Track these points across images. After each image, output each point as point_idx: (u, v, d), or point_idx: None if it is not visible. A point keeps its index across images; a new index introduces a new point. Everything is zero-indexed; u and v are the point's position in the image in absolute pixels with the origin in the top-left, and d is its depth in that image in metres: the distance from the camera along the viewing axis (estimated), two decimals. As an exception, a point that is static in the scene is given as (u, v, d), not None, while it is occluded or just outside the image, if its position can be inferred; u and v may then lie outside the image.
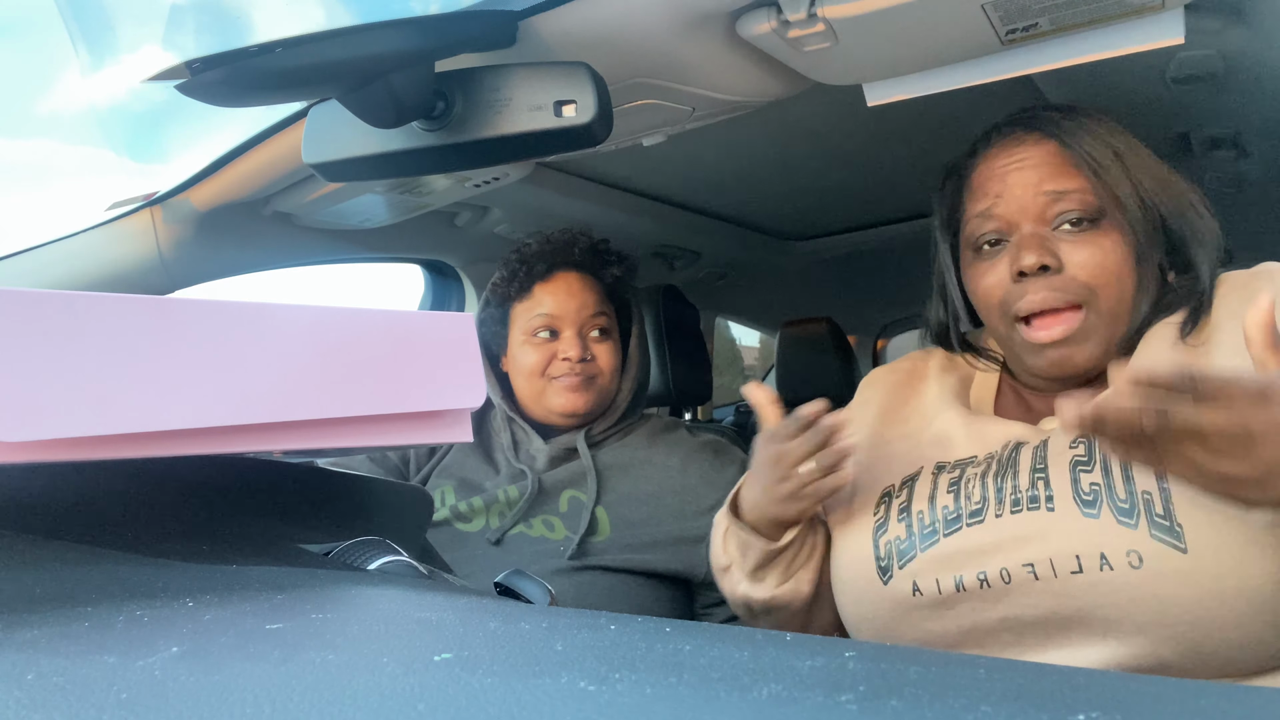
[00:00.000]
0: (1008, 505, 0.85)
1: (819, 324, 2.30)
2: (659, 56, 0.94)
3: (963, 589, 0.84)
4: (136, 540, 0.46)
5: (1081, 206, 0.88)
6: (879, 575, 0.90)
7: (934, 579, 0.86)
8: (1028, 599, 0.82)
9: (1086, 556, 0.79)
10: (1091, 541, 0.80)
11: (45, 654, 0.31)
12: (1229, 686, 0.28)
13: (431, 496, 0.96)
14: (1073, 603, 0.80)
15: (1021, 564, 0.82)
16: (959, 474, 0.91)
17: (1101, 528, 0.79)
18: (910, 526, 0.90)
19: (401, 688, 0.28)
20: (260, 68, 0.72)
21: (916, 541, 0.89)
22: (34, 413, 0.36)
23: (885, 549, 0.91)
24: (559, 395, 1.39)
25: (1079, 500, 0.82)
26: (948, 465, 0.93)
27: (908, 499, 0.93)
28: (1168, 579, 0.76)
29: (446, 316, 0.51)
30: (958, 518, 0.87)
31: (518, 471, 1.38)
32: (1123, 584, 0.78)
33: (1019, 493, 0.85)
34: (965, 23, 0.86)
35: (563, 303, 1.40)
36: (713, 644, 0.32)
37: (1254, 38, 1.08)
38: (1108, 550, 0.79)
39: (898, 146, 1.70)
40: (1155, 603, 0.77)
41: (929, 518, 0.89)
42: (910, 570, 0.88)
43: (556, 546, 1.30)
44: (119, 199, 1.30)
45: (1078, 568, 0.80)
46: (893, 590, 0.89)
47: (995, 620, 0.84)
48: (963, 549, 0.86)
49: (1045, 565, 0.81)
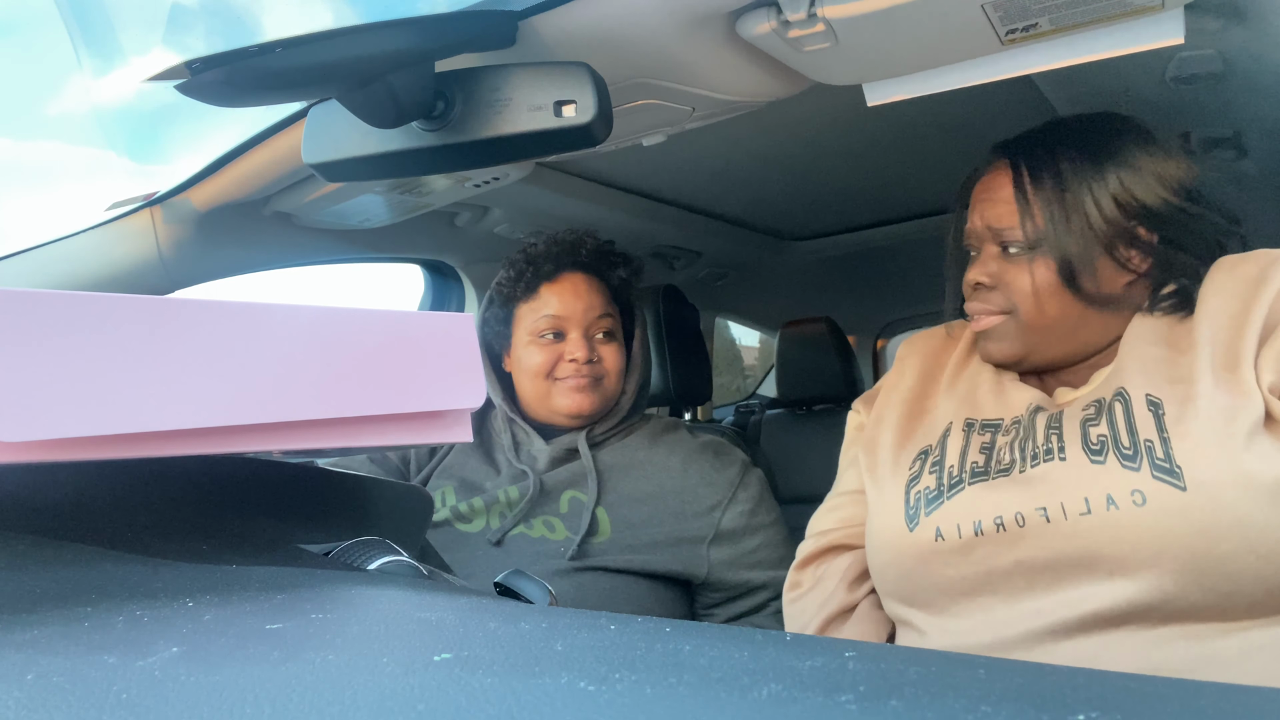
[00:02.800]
0: (1028, 462, 0.93)
1: (819, 324, 2.30)
2: (659, 56, 0.94)
3: (981, 533, 0.91)
4: (136, 540, 0.46)
5: (1013, 240, 1.00)
6: (906, 522, 0.97)
7: (955, 524, 0.93)
8: (1040, 540, 0.88)
9: (1094, 498, 0.87)
10: (1099, 484, 0.87)
11: (45, 654, 0.31)
12: (1229, 686, 0.28)
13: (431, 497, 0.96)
14: (1081, 542, 0.86)
15: (1035, 508, 0.89)
16: (990, 438, 0.99)
17: (1108, 472, 0.87)
18: (940, 478, 0.98)
19: (401, 688, 0.28)
20: (260, 68, 0.72)
21: (944, 490, 0.96)
22: (34, 413, 0.36)
23: (915, 499, 0.98)
24: (565, 397, 1.38)
25: (1087, 450, 0.90)
26: (977, 425, 1.02)
27: (940, 453, 1.01)
28: (1169, 515, 0.83)
29: (446, 316, 0.51)
30: (985, 471, 0.95)
31: (519, 472, 1.38)
32: (1128, 522, 0.84)
33: (1036, 448, 0.94)
34: (965, 23, 0.86)
35: (569, 304, 1.39)
36: (713, 644, 0.32)
37: (1254, 38, 1.08)
38: (1114, 491, 0.86)
39: (897, 146, 1.70)
40: (1157, 538, 0.83)
41: (958, 470, 0.97)
42: (935, 517, 0.95)
43: (557, 547, 1.30)
44: (119, 199, 1.30)
45: (1086, 509, 0.87)
46: (917, 537, 0.95)
47: (1010, 563, 0.90)
48: (984, 497, 0.93)
49: (1056, 508, 0.88)
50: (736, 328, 3.49)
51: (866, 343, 3.11)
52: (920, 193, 2.02)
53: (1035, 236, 0.98)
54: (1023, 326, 1.01)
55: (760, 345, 3.74)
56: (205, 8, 0.95)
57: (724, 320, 3.01)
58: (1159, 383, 0.91)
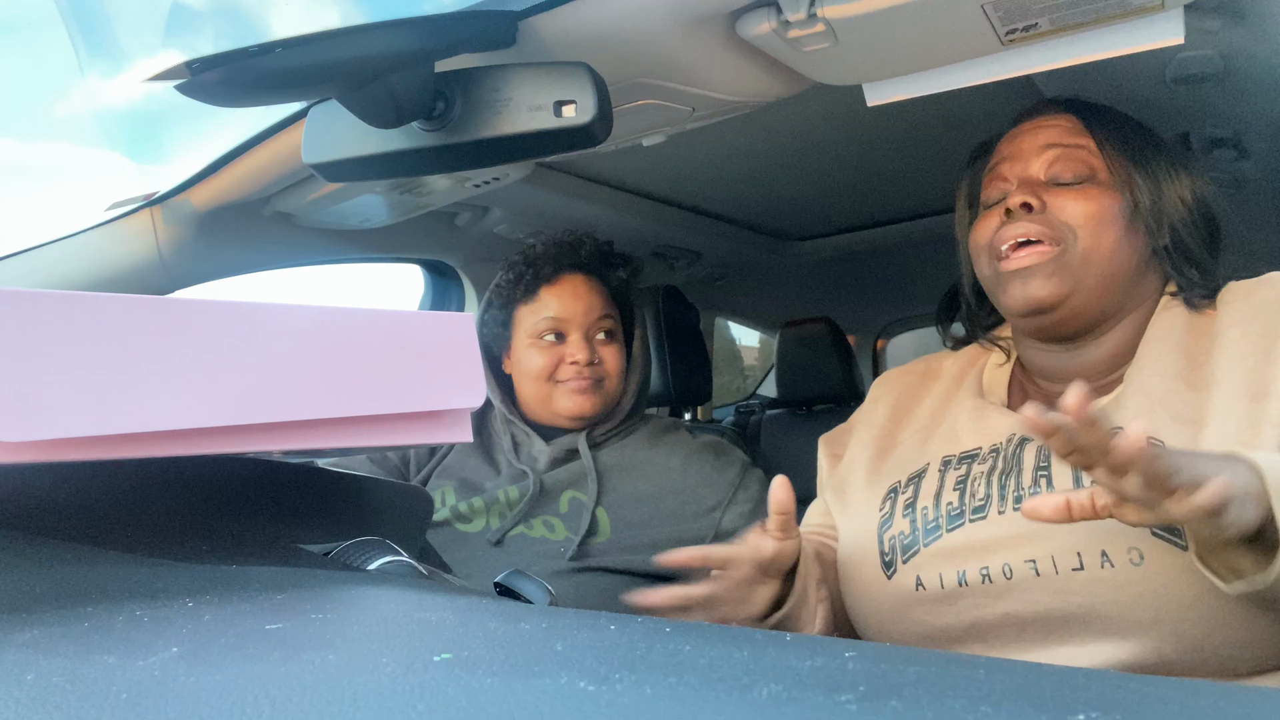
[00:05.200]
0: (1010, 502, 0.86)
1: (819, 324, 2.30)
2: (659, 56, 0.94)
3: (965, 584, 0.85)
4: (136, 540, 0.46)
5: (1077, 163, 0.93)
6: (883, 569, 0.91)
7: (937, 573, 0.87)
8: (1029, 595, 0.83)
9: (1088, 553, 0.80)
10: (1093, 539, 0.80)
11: (45, 654, 0.31)
12: (1229, 686, 0.28)
13: (431, 497, 0.96)
14: (1073, 599, 0.80)
15: (1024, 560, 0.83)
16: (965, 471, 0.92)
17: (1103, 525, 0.78)
18: (914, 521, 0.91)
19: (401, 688, 0.28)
20: (260, 68, 0.72)
21: (920, 536, 0.90)
22: (34, 413, 0.36)
23: (889, 544, 0.92)
24: (566, 399, 1.38)
25: None
26: (954, 460, 0.94)
27: (913, 495, 0.94)
28: (1168, 576, 0.77)
29: (446, 316, 0.51)
30: (960, 513, 0.89)
31: (519, 472, 1.38)
32: (1124, 580, 0.78)
33: (1021, 490, 0.86)
34: (965, 23, 0.86)
35: (569, 306, 1.39)
36: (713, 644, 0.32)
37: (1254, 38, 1.08)
38: (1109, 547, 0.79)
39: (897, 146, 1.70)
40: (1155, 599, 0.77)
41: (933, 513, 0.90)
42: (914, 564, 0.89)
43: (557, 547, 1.30)
44: (119, 199, 1.30)
45: (1079, 565, 0.80)
46: (896, 585, 0.90)
47: (997, 616, 0.84)
48: (966, 544, 0.87)
49: (1047, 562, 0.82)
50: (736, 328, 3.48)
51: (866, 343, 3.10)
52: (920, 193, 2.02)
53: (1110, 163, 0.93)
54: (1077, 260, 0.91)
55: (760, 345, 3.74)
56: (205, 8, 0.95)
57: (724, 320, 3.01)
58: (1164, 421, 0.84)
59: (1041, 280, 0.91)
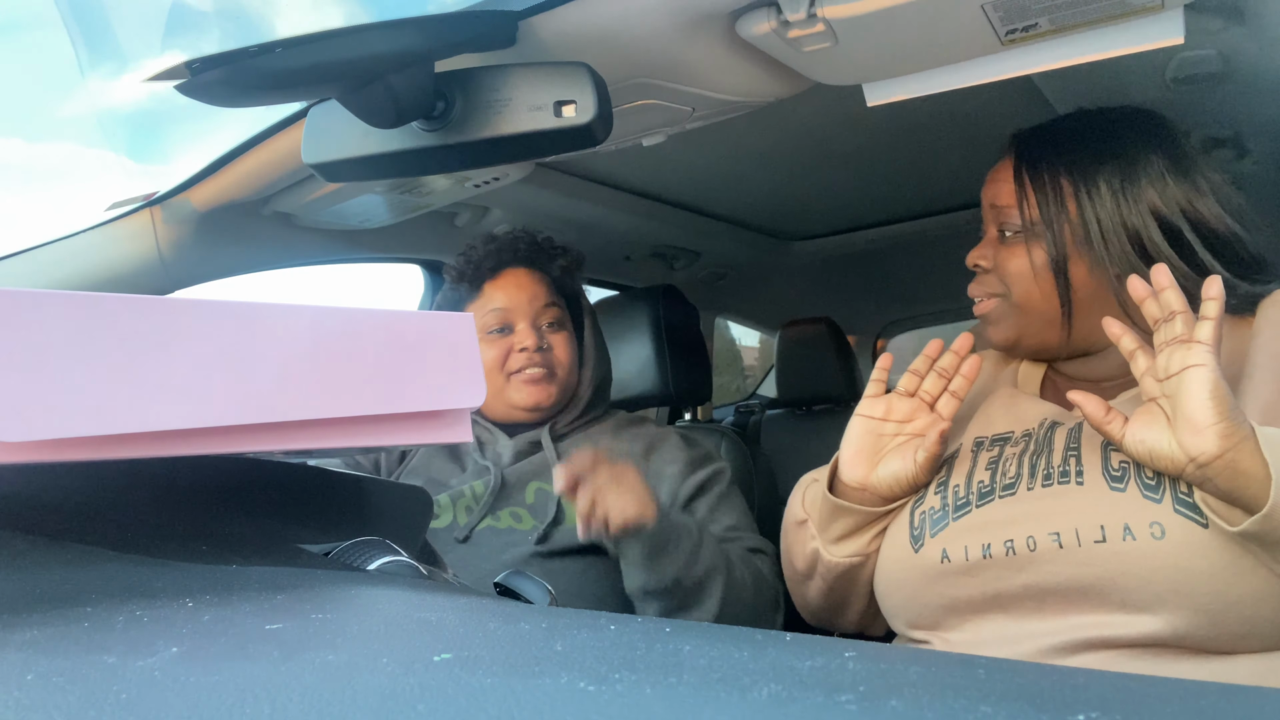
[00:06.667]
0: (1039, 480, 0.90)
1: (819, 324, 2.30)
2: (659, 56, 0.94)
3: (989, 556, 0.88)
4: (136, 540, 0.46)
5: (1010, 221, 1.02)
6: (911, 543, 0.95)
7: (963, 546, 0.90)
8: (1051, 566, 0.85)
9: (1111, 526, 0.83)
10: (1117, 513, 0.83)
11: (45, 654, 0.31)
12: (1229, 686, 0.28)
13: (431, 497, 0.96)
14: (1093, 570, 0.83)
15: (1048, 533, 0.86)
16: (998, 452, 0.97)
17: (1127, 500, 0.83)
18: (945, 499, 0.95)
19: (401, 688, 0.28)
20: (260, 68, 0.72)
21: (949, 511, 0.94)
22: (34, 413, 0.36)
23: (919, 519, 0.96)
24: (519, 390, 1.40)
25: (1108, 476, 0.86)
26: (986, 442, 0.99)
27: (946, 474, 0.98)
28: (1189, 551, 0.79)
29: (446, 316, 0.51)
30: (990, 490, 0.92)
31: (482, 468, 1.40)
32: (1144, 553, 0.81)
33: (1051, 468, 0.90)
34: (965, 23, 0.86)
35: (513, 296, 1.42)
36: (713, 644, 0.32)
37: (1254, 38, 1.08)
38: (1131, 522, 0.82)
39: (897, 146, 1.70)
40: (1175, 573, 0.79)
41: (964, 490, 0.94)
42: (941, 538, 0.92)
43: (525, 536, 1.31)
44: (119, 199, 1.30)
45: (1101, 537, 0.83)
46: (922, 558, 0.93)
47: (1018, 587, 0.87)
48: (993, 519, 0.90)
49: (1070, 534, 0.85)
50: (736, 328, 3.48)
51: (866, 343, 3.10)
52: (920, 193, 2.02)
53: (1029, 220, 0.99)
54: (1014, 308, 1.02)
55: (760, 345, 3.74)
56: (205, 8, 0.95)
57: (724, 320, 3.01)
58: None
59: (993, 327, 1.05)
